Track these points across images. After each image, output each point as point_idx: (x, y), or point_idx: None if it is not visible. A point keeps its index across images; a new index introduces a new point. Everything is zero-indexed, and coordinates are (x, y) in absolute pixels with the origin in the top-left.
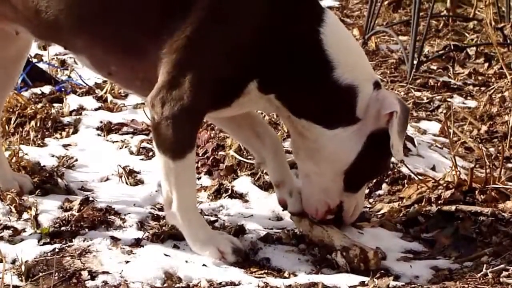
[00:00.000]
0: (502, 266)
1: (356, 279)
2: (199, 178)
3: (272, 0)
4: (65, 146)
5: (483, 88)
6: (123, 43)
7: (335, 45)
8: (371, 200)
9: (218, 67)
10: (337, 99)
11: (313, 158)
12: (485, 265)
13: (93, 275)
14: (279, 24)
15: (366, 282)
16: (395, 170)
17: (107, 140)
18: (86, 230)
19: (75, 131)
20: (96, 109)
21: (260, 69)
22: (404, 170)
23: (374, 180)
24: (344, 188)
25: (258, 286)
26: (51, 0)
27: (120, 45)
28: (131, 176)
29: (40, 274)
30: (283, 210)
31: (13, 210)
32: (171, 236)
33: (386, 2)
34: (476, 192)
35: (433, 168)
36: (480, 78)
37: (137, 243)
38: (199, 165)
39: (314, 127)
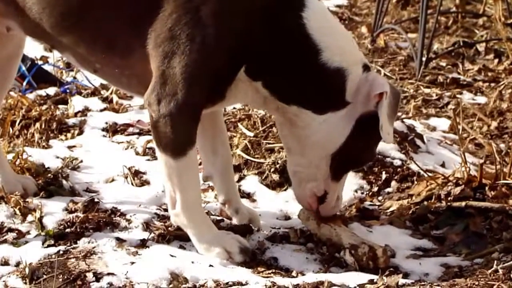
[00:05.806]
0: None
1: (365, 277)
2: None
3: None
4: (70, 147)
5: (493, 84)
6: (105, 41)
7: (319, 29)
8: (380, 198)
9: (205, 55)
10: (326, 83)
11: (302, 146)
12: (495, 262)
13: (98, 277)
14: (262, 10)
15: (375, 280)
16: (404, 167)
17: (113, 141)
18: (91, 231)
19: (80, 133)
20: (101, 110)
21: (248, 55)
22: (413, 167)
23: (383, 178)
24: (330, 175)
25: (266, 285)
26: None
27: (102, 43)
28: (137, 177)
29: (44, 276)
30: None
31: (18, 212)
32: (177, 237)
33: (394, 0)
34: (486, 188)
35: (443, 165)
36: (489, 74)
37: (143, 244)
38: None
39: (305, 113)
